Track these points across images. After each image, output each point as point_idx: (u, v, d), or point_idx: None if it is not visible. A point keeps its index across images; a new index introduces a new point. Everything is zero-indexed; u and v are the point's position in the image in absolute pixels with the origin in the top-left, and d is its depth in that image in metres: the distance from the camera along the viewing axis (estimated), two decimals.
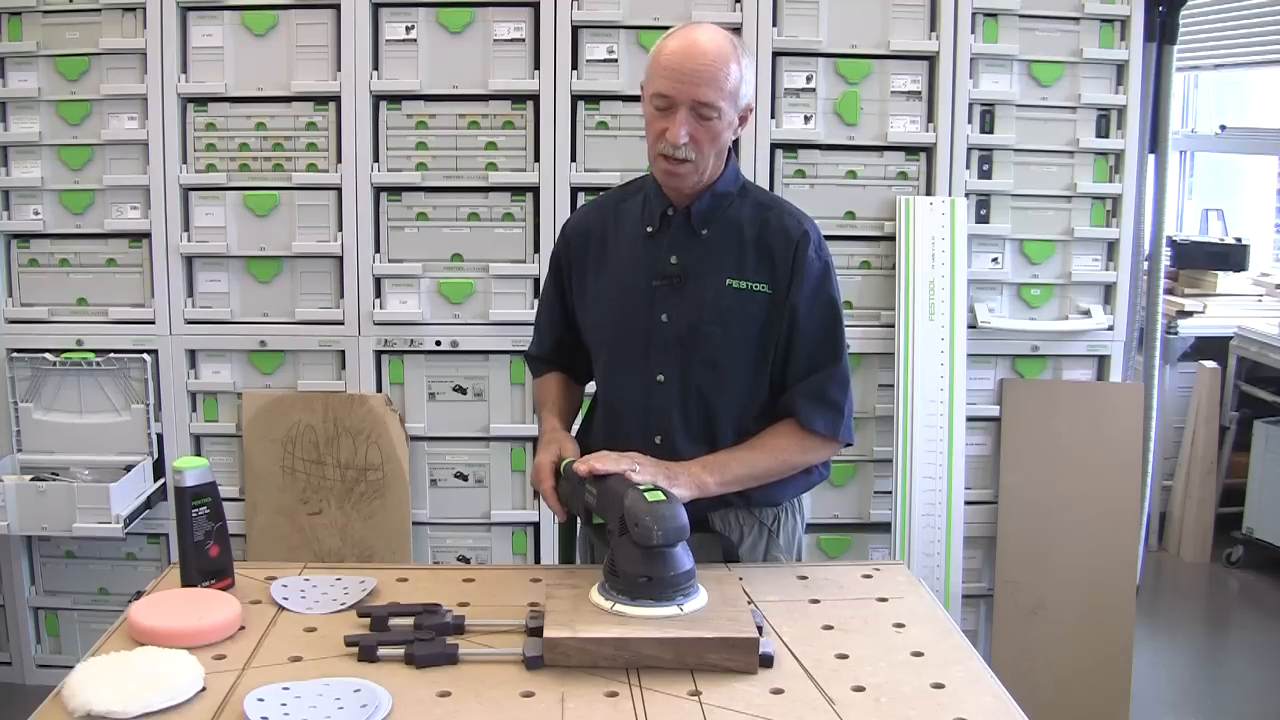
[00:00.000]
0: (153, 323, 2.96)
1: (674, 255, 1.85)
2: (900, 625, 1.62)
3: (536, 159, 2.90)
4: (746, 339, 1.83)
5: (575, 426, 2.04)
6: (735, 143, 1.87)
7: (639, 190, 1.95)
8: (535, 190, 2.91)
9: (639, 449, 1.77)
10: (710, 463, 1.78)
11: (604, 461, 1.69)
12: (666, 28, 2.81)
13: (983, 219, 2.98)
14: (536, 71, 2.87)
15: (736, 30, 2.85)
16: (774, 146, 2.91)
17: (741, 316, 1.83)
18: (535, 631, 1.51)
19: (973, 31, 2.90)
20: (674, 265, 1.84)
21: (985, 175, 2.97)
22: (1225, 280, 4.62)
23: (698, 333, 1.83)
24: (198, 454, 2.99)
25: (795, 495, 1.94)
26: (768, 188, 2.89)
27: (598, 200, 2.06)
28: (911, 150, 2.95)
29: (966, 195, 2.95)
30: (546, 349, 2.06)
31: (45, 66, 2.93)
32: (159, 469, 2.99)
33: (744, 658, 1.46)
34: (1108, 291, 3.05)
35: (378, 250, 2.94)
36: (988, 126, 2.95)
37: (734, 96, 1.76)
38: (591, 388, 2.07)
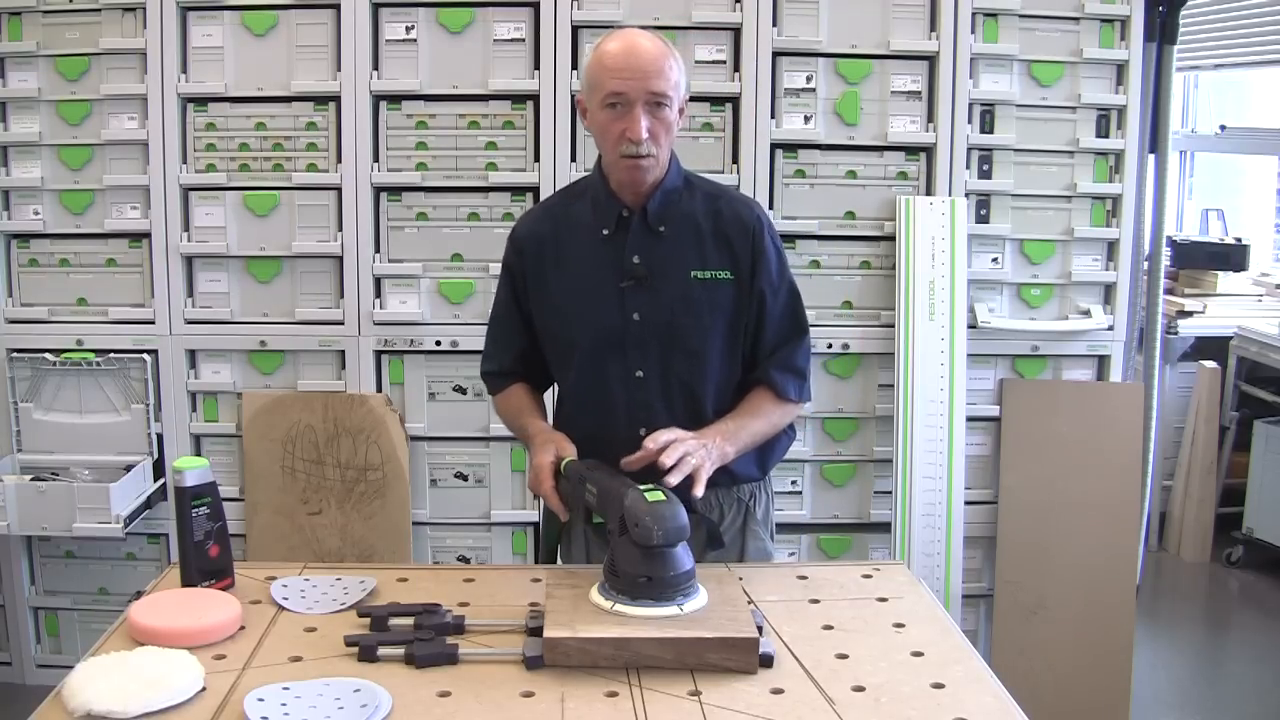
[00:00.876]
0: (153, 323, 2.96)
1: (636, 255, 1.89)
2: (900, 625, 1.62)
3: (536, 159, 2.90)
4: (718, 325, 1.91)
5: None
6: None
7: (584, 193, 1.97)
8: (535, 190, 2.91)
9: (624, 443, 1.81)
10: (726, 432, 1.84)
11: (663, 441, 1.73)
12: (667, 28, 2.86)
13: (983, 219, 2.98)
14: (536, 71, 2.87)
15: (736, 30, 2.86)
16: (774, 146, 2.91)
17: (710, 305, 1.90)
18: (535, 631, 1.51)
19: (973, 31, 2.90)
20: (637, 265, 1.89)
21: (985, 175, 2.97)
22: (1225, 280, 4.61)
23: (673, 327, 1.89)
24: (198, 454, 2.99)
25: (777, 462, 2.04)
26: (768, 188, 2.89)
27: (542, 205, 2.09)
28: (911, 150, 2.95)
29: (966, 195, 2.95)
30: (507, 363, 2.05)
31: (45, 66, 2.93)
32: (159, 469, 2.99)
33: (744, 658, 1.46)
34: (1108, 291, 3.04)
35: (378, 250, 2.94)
36: (988, 126, 2.95)
37: (678, 88, 1.83)
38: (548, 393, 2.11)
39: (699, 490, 1.71)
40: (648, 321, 1.89)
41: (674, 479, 1.67)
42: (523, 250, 1.98)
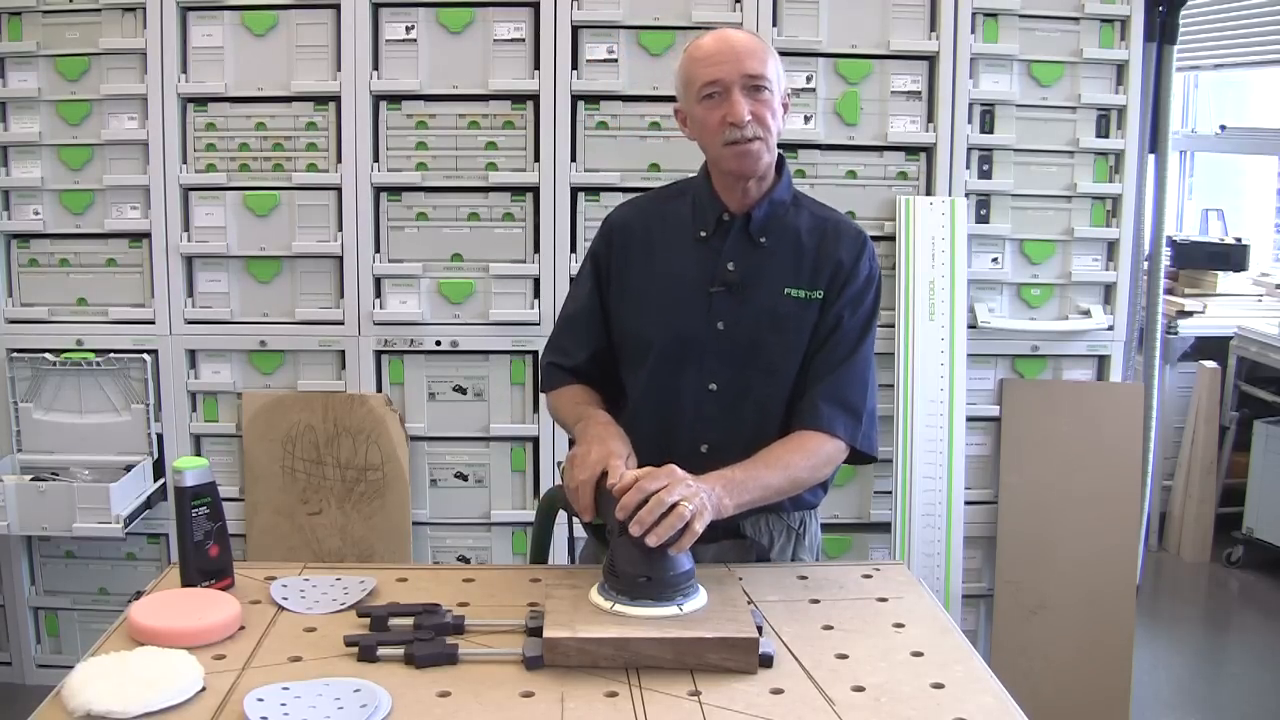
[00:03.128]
0: (153, 323, 2.96)
1: (731, 262, 1.81)
2: (900, 625, 1.62)
3: (536, 159, 2.90)
4: (801, 345, 1.82)
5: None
6: (781, 160, 1.86)
7: (682, 194, 1.90)
8: (535, 190, 2.91)
9: (684, 458, 1.67)
10: (731, 481, 1.66)
11: (653, 481, 1.56)
12: (666, 28, 2.87)
13: (983, 219, 2.98)
14: (536, 71, 2.87)
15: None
16: None
17: (799, 325, 1.81)
18: (535, 631, 1.51)
19: (973, 31, 2.90)
20: (731, 272, 1.81)
21: (985, 175, 2.97)
22: (1225, 280, 4.62)
23: (756, 342, 1.80)
24: (198, 454, 2.99)
25: (826, 491, 1.94)
26: None
27: (635, 201, 1.97)
28: (911, 150, 2.95)
29: (966, 195, 2.95)
30: (580, 360, 1.90)
31: (45, 66, 2.93)
32: (159, 469, 2.99)
33: (744, 658, 1.46)
34: (1108, 291, 3.05)
35: (378, 250, 2.94)
36: (988, 126, 2.95)
37: (778, 78, 1.78)
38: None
39: (682, 546, 1.53)
40: (731, 332, 1.80)
41: (653, 542, 1.51)
42: (612, 239, 1.89)
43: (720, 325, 1.81)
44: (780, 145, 2.85)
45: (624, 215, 1.93)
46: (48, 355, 2.96)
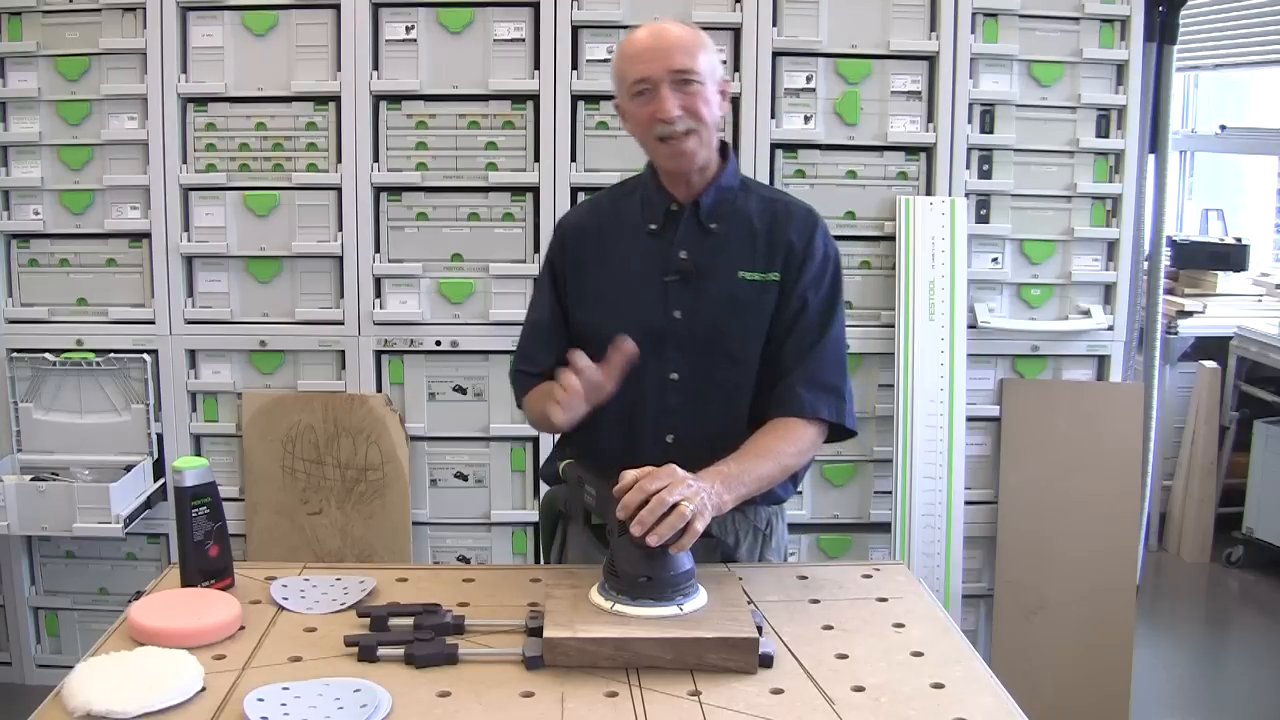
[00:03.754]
0: (153, 323, 2.96)
1: (683, 250, 1.82)
2: (900, 625, 1.62)
3: (536, 159, 2.90)
4: (761, 330, 1.82)
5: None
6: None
7: (635, 189, 1.91)
8: (535, 190, 2.91)
9: (649, 451, 1.73)
10: (727, 476, 1.66)
11: (654, 481, 1.55)
12: None
13: (983, 219, 2.98)
14: (536, 71, 2.87)
15: (736, 30, 2.86)
16: (774, 146, 2.90)
17: (758, 309, 1.81)
18: (535, 631, 1.51)
19: (973, 31, 2.90)
20: (684, 261, 1.81)
21: (985, 175, 2.97)
22: (1225, 280, 4.62)
23: (715, 328, 1.81)
24: (198, 454, 2.99)
25: (798, 486, 1.94)
26: None
27: (591, 200, 2.01)
28: (911, 150, 2.95)
29: (966, 195, 2.95)
30: (549, 364, 1.86)
31: (45, 66, 2.93)
32: (159, 469, 2.99)
33: (744, 658, 1.46)
34: (1108, 291, 3.04)
35: (378, 250, 2.94)
36: (988, 126, 2.95)
37: (709, 66, 1.76)
38: None
39: (683, 546, 1.53)
40: (689, 320, 1.81)
41: (654, 542, 1.51)
42: (565, 242, 1.90)
43: (678, 314, 1.81)
44: (780, 145, 2.91)
45: (576, 217, 1.95)
46: (48, 355, 2.96)
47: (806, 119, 2.92)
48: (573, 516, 1.88)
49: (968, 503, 2.99)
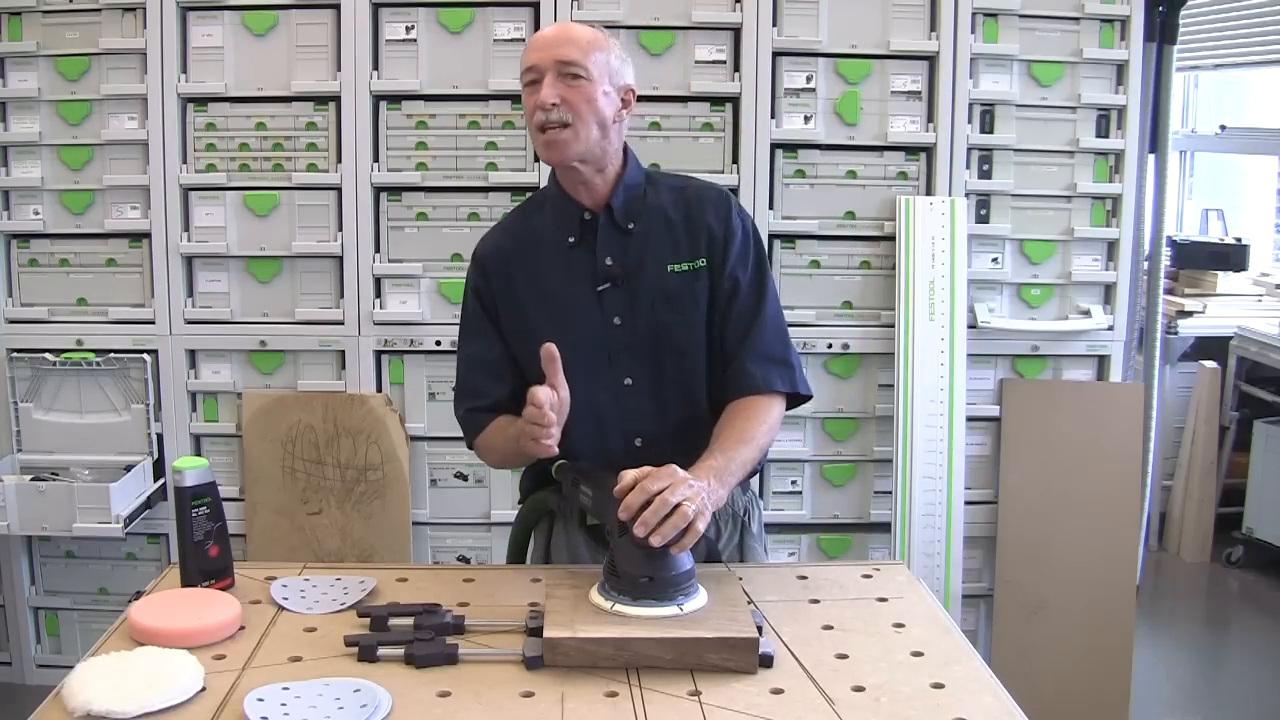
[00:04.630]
0: (153, 323, 2.96)
1: (608, 256, 1.81)
2: (900, 625, 1.62)
3: (537, 159, 2.90)
4: (700, 318, 1.83)
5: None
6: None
7: (541, 205, 1.90)
8: (535, 190, 2.90)
9: (619, 454, 1.76)
10: (718, 470, 1.66)
11: (655, 481, 1.55)
12: (666, 28, 2.87)
13: (983, 219, 2.98)
14: None
15: (736, 30, 2.86)
16: (774, 146, 2.91)
17: (693, 298, 1.82)
18: (535, 631, 1.51)
19: (973, 31, 2.90)
20: (611, 266, 1.81)
21: (985, 175, 2.97)
22: (1225, 280, 4.61)
23: (657, 326, 1.81)
24: (198, 454, 2.99)
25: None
26: (767, 188, 2.89)
27: (499, 225, 1.97)
28: (911, 150, 2.95)
29: (966, 195, 2.95)
30: (499, 398, 1.85)
31: (45, 66, 2.93)
32: (159, 469, 2.99)
33: (744, 658, 1.46)
34: (1108, 291, 3.05)
35: (378, 250, 2.94)
36: (988, 126, 2.95)
37: (603, 66, 1.76)
38: None
39: (685, 546, 1.53)
40: (630, 324, 1.81)
41: (656, 542, 1.50)
42: (487, 270, 1.87)
43: (617, 320, 1.81)
44: (780, 145, 2.91)
45: (492, 243, 1.91)
46: (48, 355, 2.96)
47: (806, 119, 2.92)
48: (567, 517, 1.88)
49: (968, 503, 2.99)
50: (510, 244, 1.88)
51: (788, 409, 1.88)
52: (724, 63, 2.89)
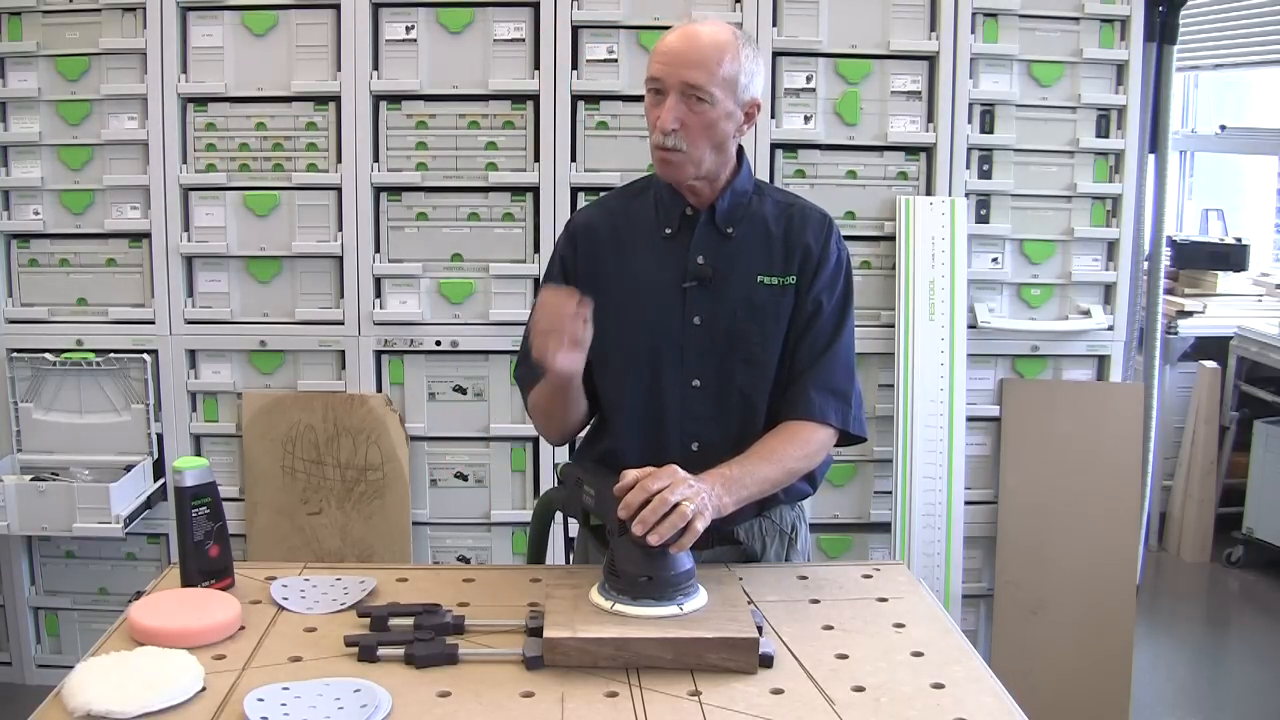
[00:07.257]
0: (153, 323, 2.96)
1: (701, 256, 1.79)
2: (900, 625, 1.62)
3: (536, 159, 2.90)
4: (779, 333, 1.80)
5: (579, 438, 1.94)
6: (735, 151, 1.83)
7: (644, 190, 1.88)
8: (535, 190, 2.91)
9: (675, 458, 1.67)
10: (728, 479, 1.66)
11: (655, 480, 1.56)
12: (666, 27, 2.84)
13: (983, 219, 2.98)
14: (536, 71, 2.87)
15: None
16: (774, 146, 2.91)
17: (776, 312, 1.80)
18: (535, 631, 1.51)
19: (973, 31, 2.90)
20: (702, 265, 1.79)
21: (985, 175, 2.97)
22: (1225, 280, 4.61)
23: (734, 333, 1.79)
24: (198, 454, 2.99)
25: (815, 487, 1.90)
26: None
27: (599, 202, 1.97)
28: (911, 150, 2.95)
29: (966, 195, 2.95)
30: None
31: (45, 66, 2.93)
32: (159, 469, 2.99)
33: (744, 658, 1.46)
34: (1108, 291, 3.05)
35: (378, 250, 2.94)
36: (988, 126, 2.95)
37: (730, 85, 1.70)
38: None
39: (683, 546, 1.54)
40: (708, 326, 1.78)
41: (655, 541, 1.51)
42: (577, 242, 1.85)
43: (697, 320, 1.79)
44: (780, 145, 2.91)
45: (587, 217, 1.90)
46: (48, 355, 2.96)
47: (806, 119, 2.92)
48: (571, 517, 1.88)
49: (968, 503, 2.99)
50: (606, 221, 1.86)
51: (841, 445, 1.85)
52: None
